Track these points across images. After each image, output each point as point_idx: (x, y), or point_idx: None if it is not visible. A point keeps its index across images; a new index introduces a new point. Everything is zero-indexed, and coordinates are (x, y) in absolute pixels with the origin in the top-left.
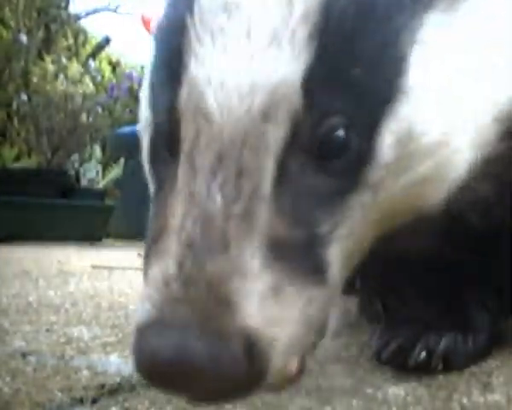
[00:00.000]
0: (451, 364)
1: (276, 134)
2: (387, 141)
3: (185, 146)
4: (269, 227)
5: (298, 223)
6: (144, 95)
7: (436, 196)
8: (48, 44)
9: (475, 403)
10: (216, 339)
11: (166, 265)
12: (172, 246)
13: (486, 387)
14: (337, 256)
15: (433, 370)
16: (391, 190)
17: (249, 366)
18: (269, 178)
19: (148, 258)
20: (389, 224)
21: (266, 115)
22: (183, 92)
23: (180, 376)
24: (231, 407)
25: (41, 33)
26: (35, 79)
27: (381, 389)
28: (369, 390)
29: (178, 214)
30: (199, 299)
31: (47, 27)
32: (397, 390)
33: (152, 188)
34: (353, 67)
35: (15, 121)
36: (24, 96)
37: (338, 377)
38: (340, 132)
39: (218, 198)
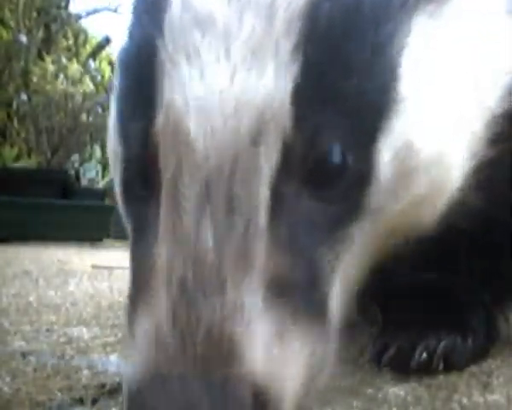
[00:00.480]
0: (452, 364)
1: (268, 159)
2: (386, 158)
3: (166, 179)
4: (267, 264)
5: (298, 258)
6: (112, 126)
7: (433, 214)
8: (48, 44)
9: (475, 403)
10: (223, 392)
11: (158, 314)
12: (163, 293)
13: (486, 387)
14: (337, 292)
15: (434, 371)
16: (390, 212)
17: None
18: (263, 210)
19: (133, 308)
20: (385, 248)
21: (255, 138)
22: (159, 119)
23: None
24: None
25: (41, 33)
26: (35, 79)
27: (381, 390)
28: (370, 391)
29: (166, 257)
30: (199, 349)
31: (47, 27)
32: (397, 390)
33: (129, 230)
34: (344, 79)
35: (15, 121)
36: (24, 96)
37: (338, 378)
38: (336, 153)
39: (209, 236)
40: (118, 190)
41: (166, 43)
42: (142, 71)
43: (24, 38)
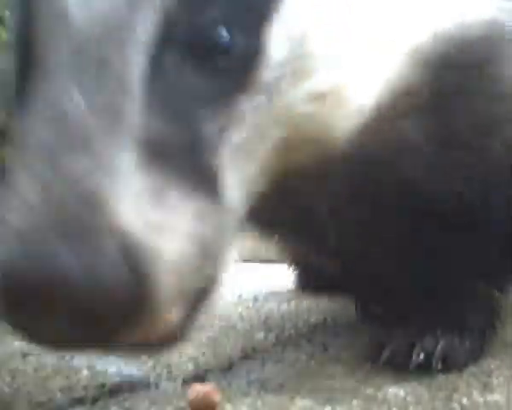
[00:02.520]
0: (451, 364)
1: (145, 24)
2: (278, 39)
3: (40, 49)
4: (141, 125)
5: (176, 120)
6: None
7: (342, 123)
8: None
9: (475, 403)
10: (85, 244)
11: (26, 182)
12: (28, 157)
13: (486, 387)
14: (231, 167)
15: (433, 371)
16: (288, 97)
17: (130, 274)
18: (137, 73)
19: (7, 181)
20: (295, 155)
21: (131, 2)
22: None
23: (46, 296)
24: (231, 406)
25: None
26: None
27: (381, 390)
28: (369, 390)
29: (34, 127)
30: (57, 201)
31: None
32: (397, 390)
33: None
34: None
35: None
36: None
37: (338, 378)
38: (222, 26)
39: (75, 94)
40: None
41: None
42: None
43: None
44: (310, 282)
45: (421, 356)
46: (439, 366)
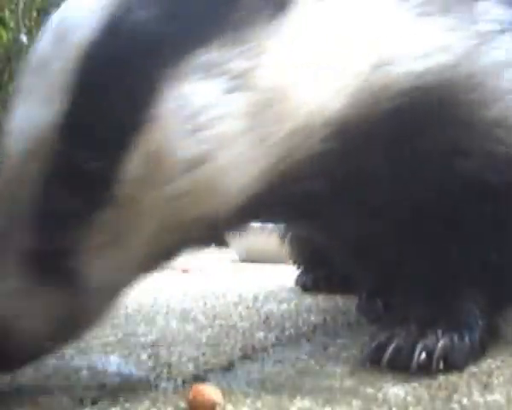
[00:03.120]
0: (451, 363)
1: (40, 169)
2: (133, 163)
3: None
4: (24, 242)
5: (47, 237)
6: None
7: (217, 203)
8: None
9: (475, 403)
10: None
11: None
12: None
13: (486, 387)
14: (93, 265)
15: (434, 371)
16: (147, 203)
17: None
18: (29, 204)
19: None
20: (175, 234)
21: (32, 155)
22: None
23: None
24: (231, 406)
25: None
26: None
27: (381, 390)
28: (369, 391)
29: None
30: None
31: None
32: (397, 391)
33: None
34: (99, 108)
35: None
36: None
37: (338, 378)
38: (87, 163)
39: None
40: None
41: (22, 78)
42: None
43: (24, 38)
44: (312, 280)
45: (423, 355)
46: (441, 366)
